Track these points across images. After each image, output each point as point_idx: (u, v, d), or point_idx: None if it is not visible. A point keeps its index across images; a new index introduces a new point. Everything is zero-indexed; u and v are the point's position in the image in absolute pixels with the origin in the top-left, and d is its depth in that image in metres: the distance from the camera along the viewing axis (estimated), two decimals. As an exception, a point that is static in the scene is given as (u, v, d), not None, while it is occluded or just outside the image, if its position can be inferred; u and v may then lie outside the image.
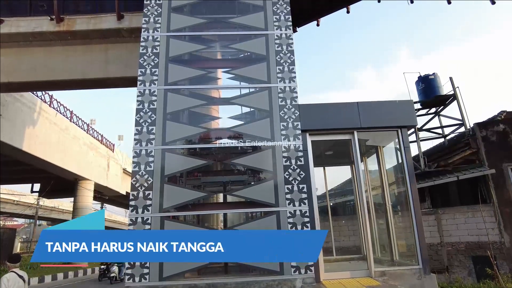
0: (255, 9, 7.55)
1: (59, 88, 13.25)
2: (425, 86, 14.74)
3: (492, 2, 12.35)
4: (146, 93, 6.81)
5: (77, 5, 11.75)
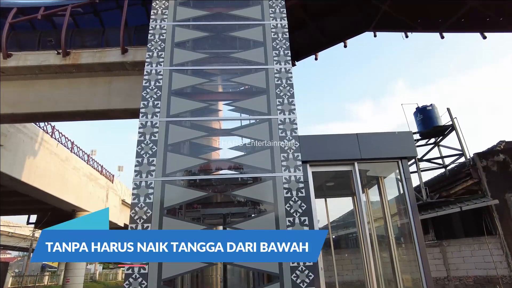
0: (256, 44, 7.82)
1: (62, 120, 13.42)
2: (424, 117, 14.95)
3: (483, 37, 12.85)
4: (148, 125, 6.89)
5: (83, 40, 12.22)
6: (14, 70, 11.60)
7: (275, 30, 7.87)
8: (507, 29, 12.14)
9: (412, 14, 12.04)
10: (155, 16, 7.89)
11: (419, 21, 12.23)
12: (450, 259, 11.46)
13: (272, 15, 8.02)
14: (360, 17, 12.59)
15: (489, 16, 11.78)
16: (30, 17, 12.22)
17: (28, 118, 13.74)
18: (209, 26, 8.06)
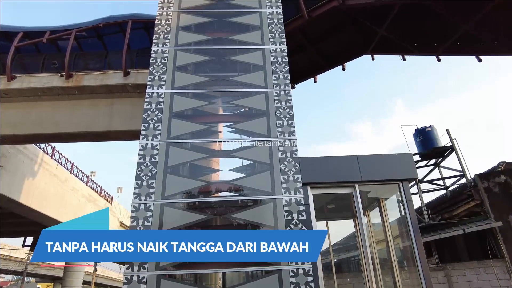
0: (256, 68, 7.96)
1: (63, 141, 13.47)
2: (423, 138, 15.00)
3: (478, 60, 13.10)
4: (148, 147, 6.90)
5: (86, 62, 12.45)
6: (17, 92, 11.75)
7: (274, 54, 8.04)
8: (500, 52, 12.40)
9: (409, 38, 12.34)
10: (157, 41, 8.08)
11: (416, 44, 12.52)
12: (456, 283, 11.17)
13: (271, 39, 8.21)
14: (357, 41, 12.90)
15: (483, 40, 12.07)
16: (36, 41, 12.51)
17: (30, 139, 13.79)
18: (210, 50, 8.24)
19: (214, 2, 8.75)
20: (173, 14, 8.43)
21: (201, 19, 8.56)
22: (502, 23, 11.15)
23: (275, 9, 8.60)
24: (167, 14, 8.42)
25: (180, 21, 8.36)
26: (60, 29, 12.50)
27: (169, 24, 8.28)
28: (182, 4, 8.59)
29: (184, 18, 8.41)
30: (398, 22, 11.40)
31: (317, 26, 11.90)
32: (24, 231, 25.88)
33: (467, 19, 10.81)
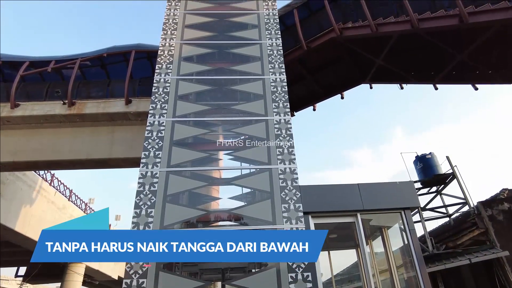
0: (256, 97, 8.10)
1: (62, 168, 13.42)
2: (424, 166, 14.94)
3: (474, 88, 13.33)
4: (148, 175, 6.87)
5: (89, 91, 12.66)
6: (20, 119, 11.86)
7: (274, 84, 8.20)
8: (496, 81, 12.65)
9: (406, 67, 12.64)
10: (160, 70, 8.27)
11: (413, 73, 12.81)
12: (464, 317, 10.73)
13: (271, 70, 8.41)
14: (355, 71, 13.21)
15: (478, 69, 12.35)
16: (41, 70, 12.78)
17: (29, 167, 13.75)
18: (211, 80, 8.41)
19: (216, 34, 9.03)
20: (175, 45, 8.69)
21: (203, 50, 8.81)
22: (495, 55, 11.46)
23: (274, 40, 8.88)
24: (169, 45, 8.68)
25: (183, 51, 8.61)
26: (65, 59, 12.81)
27: (172, 54, 8.51)
28: (184, 35, 8.88)
29: (186, 49, 8.67)
30: (395, 52, 11.73)
31: (316, 57, 12.23)
32: (17, 261, 25.19)
33: (461, 49, 11.13)
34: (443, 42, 10.91)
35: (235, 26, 9.25)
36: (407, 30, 10.23)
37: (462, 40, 10.91)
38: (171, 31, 8.99)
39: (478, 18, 9.33)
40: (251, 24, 9.27)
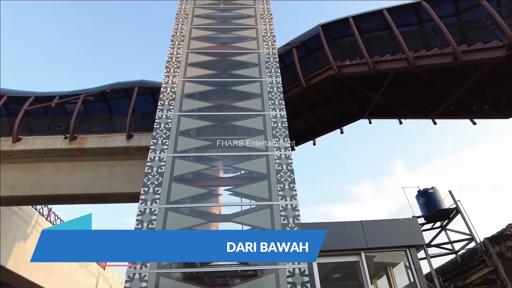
0: (257, 132, 8.16)
1: (60, 203, 13.24)
2: (426, 200, 14.76)
3: (472, 123, 13.48)
4: (147, 212, 6.75)
5: (91, 125, 12.78)
6: (20, 153, 11.87)
7: (274, 119, 8.30)
8: (493, 116, 12.80)
9: (403, 103, 12.86)
10: (162, 107, 8.40)
11: (411, 109, 13.01)
12: None
13: (271, 106, 8.55)
14: (354, 106, 13.44)
15: (475, 104, 12.55)
16: (45, 105, 12.99)
17: (27, 201, 13.56)
18: (212, 116, 8.52)
19: (218, 72, 9.29)
20: (178, 82, 8.91)
21: (205, 87, 9.01)
22: (489, 91, 11.72)
23: (274, 78, 9.11)
24: (172, 82, 8.89)
25: (185, 89, 8.81)
26: (69, 94, 13.07)
27: (174, 91, 8.69)
28: (187, 73, 9.12)
29: (188, 86, 8.87)
30: (392, 89, 12.00)
31: (315, 93, 12.49)
32: (7, 300, 24.07)
33: (457, 86, 11.38)
34: (439, 79, 11.18)
35: (237, 65, 9.54)
36: (403, 67, 10.53)
37: (458, 76, 11.20)
38: (174, 69, 9.25)
39: (471, 56, 9.63)
40: (251, 62, 9.56)
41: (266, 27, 10.92)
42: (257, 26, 10.91)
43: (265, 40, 10.36)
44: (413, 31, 11.80)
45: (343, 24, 11.97)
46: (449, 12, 11.29)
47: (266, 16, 11.41)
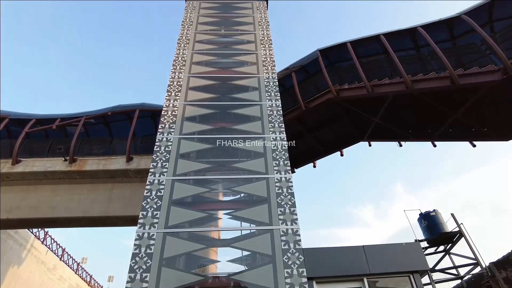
0: (257, 155, 8.15)
1: (57, 226, 13.04)
2: (428, 224, 14.55)
3: (472, 145, 13.50)
4: (145, 237, 6.63)
5: (91, 148, 12.78)
6: (19, 175, 11.80)
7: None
8: (492, 138, 12.84)
9: (403, 125, 12.94)
10: (163, 130, 8.44)
11: (411, 131, 13.07)
12: None
13: (271, 129, 8.59)
14: (353, 129, 13.52)
15: (474, 127, 12.62)
16: (46, 127, 13.06)
17: (24, 224, 13.34)
18: (213, 139, 8.54)
19: (218, 96, 9.41)
20: (179, 106, 9.00)
21: (206, 110, 9.10)
22: (487, 114, 11.82)
23: (274, 101, 9.22)
24: (173, 105, 8.99)
25: (186, 112, 8.89)
26: (70, 117, 13.17)
27: (175, 114, 8.76)
28: (188, 97, 9.23)
29: (189, 110, 8.95)
30: (391, 111, 12.09)
31: (314, 116, 12.59)
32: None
33: (455, 109, 11.48)
34: (437, 102, 11.29)
35: (237, 89, 9.68)
36: (402, 90, 10.66)
37: (455, 99, 11.31)
38: (175, 92, 9.37)
39: (468, 80, 9.77)
40: (252, 86, 9.71)
41: (266, 52, 11.17)
42: (257, 51, 11.16)
43: (265, 65, 10.57)
44: (410, 55, 12.04)
45: (341, 49, 12.24)
46: (444, 37, 11.56)
47: (266, 42, 11.69)
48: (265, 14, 13.25)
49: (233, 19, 13.03)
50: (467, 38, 11.29)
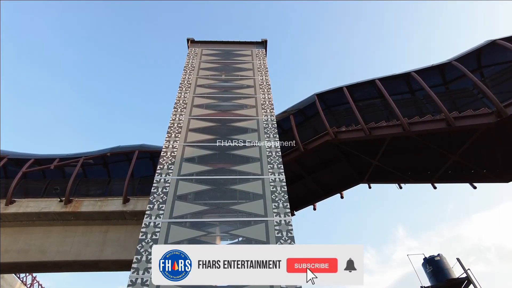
0: (255, 197, 8.05)
1: (47, 271, 12.47)
2: (433, 269, 14.03)
3: (473, 187, 13.40)
4: (138, 283, 6.33)
5: (88, 188, 12.61)
6: (12, 216, 11.50)
7: (273, 183, 8.26)
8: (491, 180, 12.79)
9: (402, 167, 12.95)
10: (161, 171, 8.41)
11: (410, 173, 13.05)
12: None
13: (270, 170, 8.58)
14: (352, 171, 13.50)
15: (472, 168, 12.63)
16: (44, 168, 12.99)
17: (11, 269, 12.76)
18: (211, 180, 8.49)
19: (218, 137, 9.51)
20: (178, 147, 9.06)
21: (205, 151, 9.14)
22: (485, 155, 11.90)
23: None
24: (173, 146, 9.04)
25: (185, 153, 8.92)
26: (69, 157, 13.16)
27: (174, 155, 8.79)
28: (188, 138, 9.33)
29: (188, 151, 9.00)
30: (390, 154, 12.16)
31: (313, 157, 12.65)
32: None
33: (453, 150, 11.58)
34: (435, 144, 11.41)
35: (236, 130, 9.81)
36: (399, 133, 10.81)
37: (453, 141, 11.45)
38: (175, 134, 9.48)
39: (463, 122, 9.96)
40: (251, 128, 9.85)
41: (265, 96, 11.50)
42: (256, 95, 11.50)
43: (263, 107, 10.82)
44: (406, 98, 12.38)
45: (337, 93, 12.61)
46: (437, 81, 11.99)
47: (264, 86, 12.09)
48: (263, 61, 13.83)
49: (234, 65, 13.59)
50: (459, 82, 11.71)
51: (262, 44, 15.13)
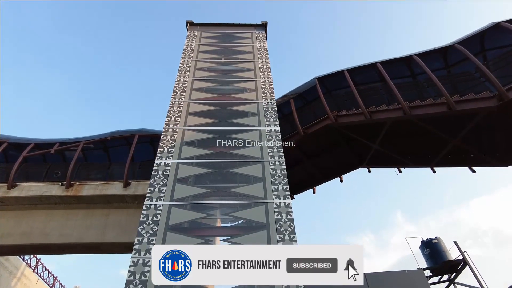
0: (255, 180, 8.09)
1: (50, 253, 12.68)
2: (431, 251, 14.23)
3: (472, 171, 13.46)
4: (140, 263, 6.43)
5: (89, 173, 12.66)
6: (14, 200, 11.61)
7: (273, 167, 8.29)
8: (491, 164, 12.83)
9: (402, 151, 12.96)
10: (161, 154, 8.42)
11: (410, 157, 13.07)
12: None
13: (270, 154, 8.59)
14: (352, 155, 13.52)
15: (472, 152, 12.66)
16: (44, 152, 13.01)
17: (15, 251, 12.97)
18: (211, 163, 8.52)
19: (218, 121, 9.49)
20: (178, 130, 9.04)
21: (205, 135, 9.13)
22: (485, 139, 11.89)
23: (273, 127, 9.28)
24: (172, 130, 9.02)
25: (185, 137, 8.91)
26: (69, 141, 13.16)
27: (174, 139, 8.78)
28: (187, 122, 9.30)
29: (188, 134, 8.99)
30: (390, 138, 12.14)
31: (313, 142, 12.63)
32: None
33: (454, 134, 11.56)
34: (436, 128, 11.38)
35: (236, 114, 9.78)
36: (399, 116, 10.77)
37: (453, 125, 11.42)
38: (175, 117, 9.45)
39: (464, 106, 9.91)
40: (251, 112, 9.82)
41: (265, 79, 11.40)
42: (256, 79, 11.39)
43: (264, 91, 10.74)
44: (407, 82, 12.28)
45: (338, 77, 12.49)
46: (439, 65, 11.86)
47: (265, 69, 11.96)
48: (264, 44, 13.64)
49: (233, 48, 13.40)
50: (461, 66, 11.58)
51: (262, 26, 14.87)
